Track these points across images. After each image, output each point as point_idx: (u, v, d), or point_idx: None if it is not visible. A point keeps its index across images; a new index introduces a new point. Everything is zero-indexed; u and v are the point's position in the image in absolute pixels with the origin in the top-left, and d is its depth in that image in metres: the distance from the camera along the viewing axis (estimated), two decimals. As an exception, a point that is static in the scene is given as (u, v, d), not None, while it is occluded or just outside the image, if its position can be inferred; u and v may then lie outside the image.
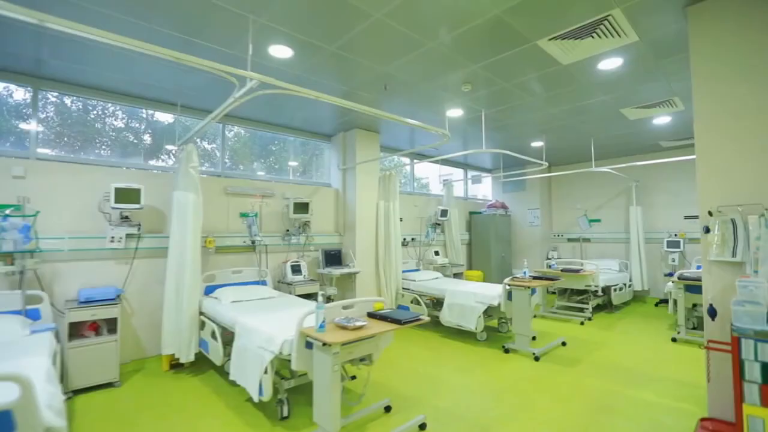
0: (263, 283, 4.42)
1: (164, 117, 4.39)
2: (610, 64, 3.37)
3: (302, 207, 4.82)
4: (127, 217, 3.68)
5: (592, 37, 2.91)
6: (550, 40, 2.94)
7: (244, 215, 4.46)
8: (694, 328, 4.91)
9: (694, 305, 4.83)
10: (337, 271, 4.86)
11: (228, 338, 3.19)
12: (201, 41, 2.93)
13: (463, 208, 7.69)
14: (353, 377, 3.10)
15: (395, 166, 6.51)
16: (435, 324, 5.11)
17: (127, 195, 3.51)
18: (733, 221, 2.26)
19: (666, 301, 6.54)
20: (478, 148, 6.08)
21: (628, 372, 3.58)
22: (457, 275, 6.62)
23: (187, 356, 3.49)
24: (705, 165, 2.44)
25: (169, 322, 3.52)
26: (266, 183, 4.89)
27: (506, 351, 4.15)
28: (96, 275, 3.59)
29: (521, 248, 8.22)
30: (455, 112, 4.64)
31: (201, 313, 3.67)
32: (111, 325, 3.32)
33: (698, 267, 6.10)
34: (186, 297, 3.51)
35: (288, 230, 4.94)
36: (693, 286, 4.59)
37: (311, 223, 5.13)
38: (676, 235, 6.65)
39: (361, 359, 2.77)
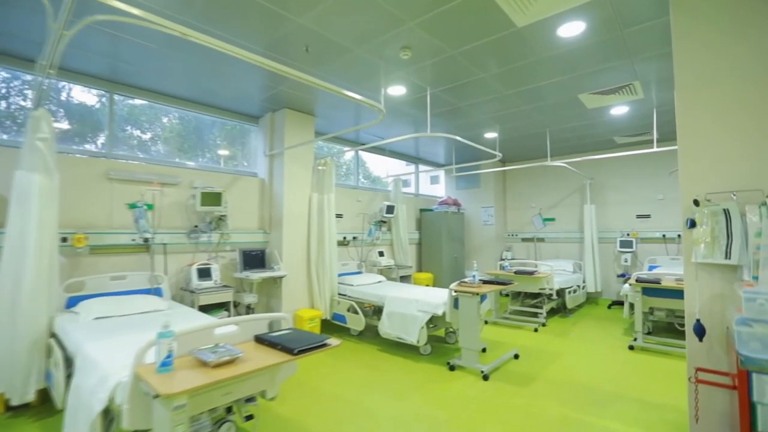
0: (156, 291, 3.53)
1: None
2: (572, 29, 2.84)
3: (213, 198, 3.97)
4: (-59, 205, 2.68)
5: (553, -15, 2.35)
6: (502, -14, 2.35)
7: (132, 206, 3.54)
8: (648, 333, 4.60)
9: (651, 309, 4.51)
10: (256, 275, 4.06)
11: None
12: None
13: (414, 205, 7.10)
14: (249, 417, 2.34)
15: (334, 154, 5.77)
16: (375, 334, 4.43)
17: (-65, 174, 2.52)
18: (726, 212, 1.75)
19: (619, 303, 6.29)
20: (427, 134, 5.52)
21: (588, 390, 3.09)
22: (404, 278, 5.99)
23: (22, 395, 2.55)
24: (688, 144, 1.93)
25: (-2, 349, 2.57)
26: (168, 168, 3.99)
27: (452, 368, 3.54)
28: None
29: (474, 248, 7.77)
30: (397, 90, 3.99)
31: (53, 335, 2.74)
32: None
33: (650, 268, 5.89)
34: (25, 314, 2.58)
35: (196, 226, 4.06)
36: (650, 289, 4.24)
37: (229, 219, 4.27)
38: (628, 234, 6.44)
39: (248, 399, 2.03)
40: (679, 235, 5.99)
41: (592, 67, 3.49)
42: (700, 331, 1.76)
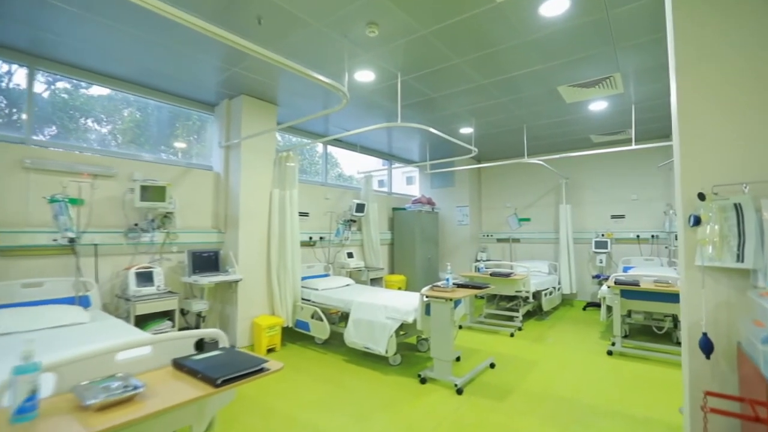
0: (83, 301, 3.03)
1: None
2: (555, 7, 2.58)
3: (155, 192, 3.49)
4: None
5: (536, -51, 2.06)
6: (479, -53, 2.05)
7: (53, 201, 3.02)
8: (625, 336, 4.44)
9: (629, 312, 4.35)
10: (207, 279, 3.61)
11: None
12: None
13: (386, 203, 6.76)
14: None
15: (302, 145, 5.36)
16: (342, 342, 4.05)
17: None
18: (737, 207, 1.49)
19: (594, 304, 6.18)
20: (400, 130, 5.20)
21: (569, 405, 2.83)
22: (375, 281, 5.65)
23: None
24: (689, 129, 1.67)
25: None
26: (101, 158, 3.48)
27: (423, 381, 3.22)
28: None
29: (449, 249, 7.51)
30: (365, 75, 3.64)
31: (-65, 356, 2.23)
32: None
33: (625, 269, 5.79)
34: None
35: (136, 224, 3.57)
36: (629, 292, 4.06)
37: (177, 216, 3.80)
38: (603, 235, 6.34)
39: (166, 440, 1.62)
40: (653, 236, 5.93)
41: (574, 55, 3.26)
42: (707, 347, 1.50)
